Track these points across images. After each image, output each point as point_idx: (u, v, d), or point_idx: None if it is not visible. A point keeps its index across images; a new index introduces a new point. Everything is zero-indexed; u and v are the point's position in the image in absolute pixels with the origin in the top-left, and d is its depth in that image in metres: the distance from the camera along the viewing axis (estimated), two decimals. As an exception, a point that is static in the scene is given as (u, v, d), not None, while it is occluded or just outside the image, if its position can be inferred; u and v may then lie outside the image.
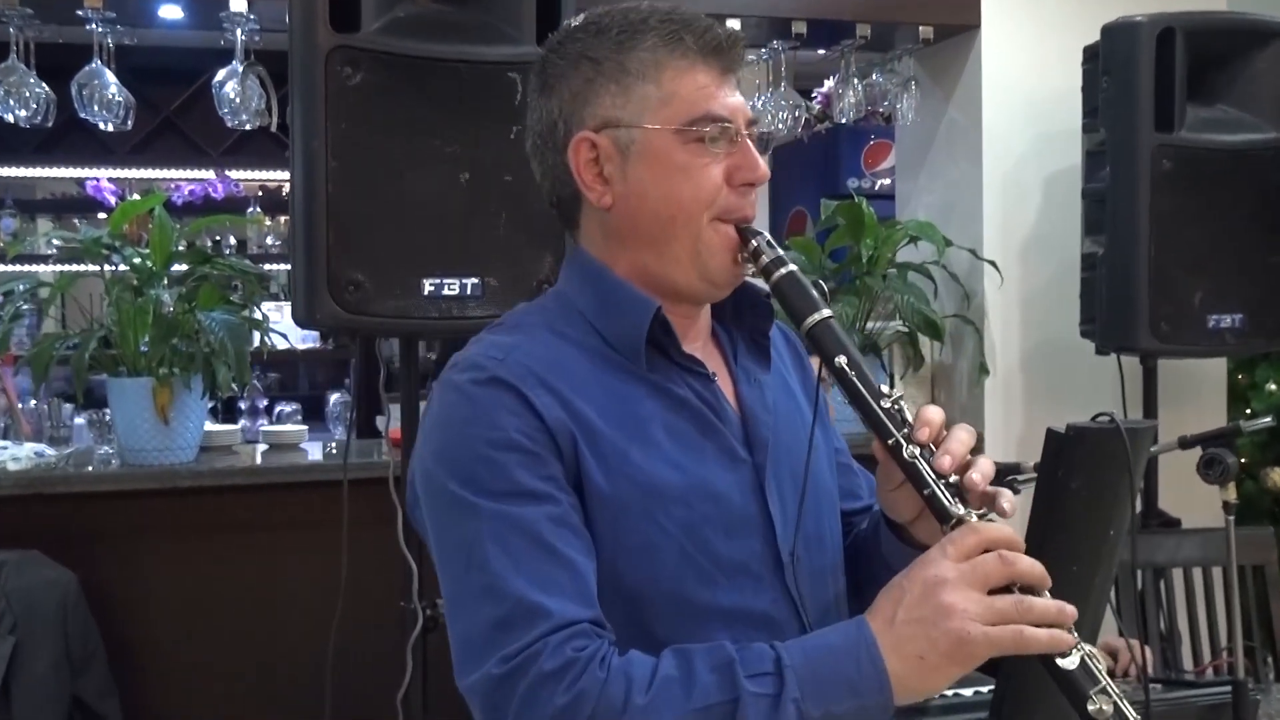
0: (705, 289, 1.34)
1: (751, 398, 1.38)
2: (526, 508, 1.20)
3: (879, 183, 6.01)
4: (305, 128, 2.25)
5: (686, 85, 1.29)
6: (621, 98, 1.30)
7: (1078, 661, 1.14)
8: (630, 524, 1.24)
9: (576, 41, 1.33)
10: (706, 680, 1.13)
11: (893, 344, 3.65)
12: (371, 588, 2.57)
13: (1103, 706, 1.12)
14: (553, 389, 1.25)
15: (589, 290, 1.36)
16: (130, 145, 5.93)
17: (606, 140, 1.30)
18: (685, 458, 1.28)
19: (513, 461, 1.21)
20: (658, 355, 1.32)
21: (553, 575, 1.18)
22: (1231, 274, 3.12)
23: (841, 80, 3.79)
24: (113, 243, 3.12)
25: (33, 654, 2.79)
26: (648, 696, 1.12)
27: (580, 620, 1.16)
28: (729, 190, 1.30)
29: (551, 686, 1.12)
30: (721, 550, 1.28)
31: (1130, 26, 3.05)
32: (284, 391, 6.29)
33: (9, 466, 3.02)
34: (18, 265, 5.53)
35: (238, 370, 3.00)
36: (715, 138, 1.29)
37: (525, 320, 1.36)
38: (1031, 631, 1.12)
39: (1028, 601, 1.13)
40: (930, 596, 1.14)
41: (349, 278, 2.25)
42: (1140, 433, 1.95)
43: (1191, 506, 3.23)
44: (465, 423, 1.24)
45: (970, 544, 1.16)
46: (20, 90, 3.20)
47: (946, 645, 1.12)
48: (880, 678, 1.14)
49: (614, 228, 1.34)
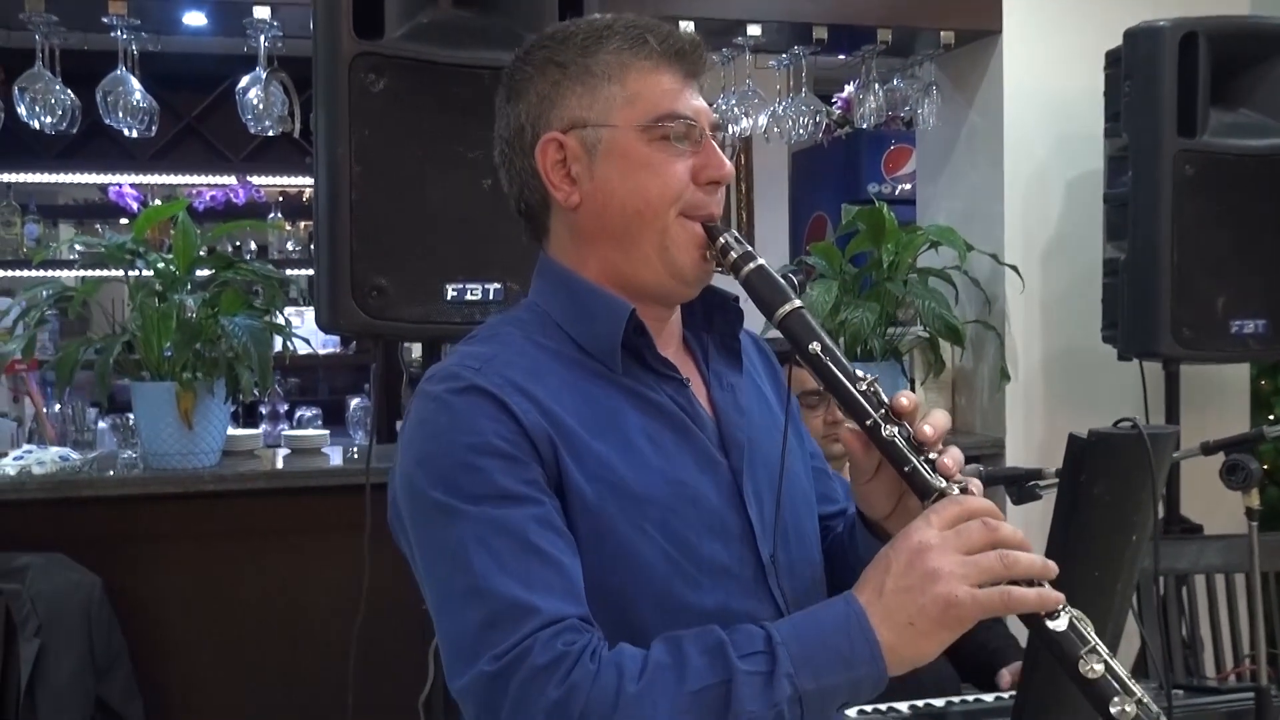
0: (674, 286, 1.35)
1: (724, 401, 1.39)
2: (509, 509, 1.20)
3: (900, 188, 6.00)
4: (329, 134, 2.26)
5: (650, 85, 1.32)
6: (588, 98, 1.32)
7: (1066, 624, 1.15)
8: (613, 528, 1.25)
9: (543, 49, 1.36)
10: (698, 663, 1.14)
11: (914, 349, 3.64)
12: (393, 591, 2.57)
13: (1093, 666, 1.13)
14: (530, 396, 1.25)
15: (560, 297, 1.37)
16: (153, 151, 5.96)
17: (574, 140, 1.32)
18: (664, 462, 1.29)
19: (493, 466, 1.21)
20: (632, 361, 1.33)
21: (538, 573, 1.18)
22: (1254, 279, 3.11)
23: (862, 85, 3.79)
24: (136, 248, 3.14)
25: (57, 657, 2.80)
26: (640, 684, 1.13)
27: (568, 616, 1.17)
28: (695, 187, 1.32)
29: (544, 681, 1.13)
30: (704, 552, 1.29)
31: (1152, 31, 3.04)
32: (304, 396, 6.31)
33: (34, 470, 3.04)
34: (41, 271, 5.57)
35: (260, 375, 3.02)
36: (680, 135, 1.31)
37: (500, 331, 1.36)
38: (1019, 591, 1.14)
39: (1012, 556, 1.15)
40: (916, 564, 1.15)
41: (372, 282, 2.26)
42: (1162, 438, 1.94)
43: (1214, 513, 3.22)
44: (444, 430, 1.25)
45: (953, 513, 1.18)
46: (46, 97, 3.22)
47: (935, 610, 1.13)
48: (872, 648, 1.15)
49: (582, 227, 1.35)
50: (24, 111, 3.24)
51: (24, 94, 3.22)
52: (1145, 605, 2.74)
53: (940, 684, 2.54)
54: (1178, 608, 2.92)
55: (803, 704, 1.14)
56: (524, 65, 1.37)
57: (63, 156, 5.91)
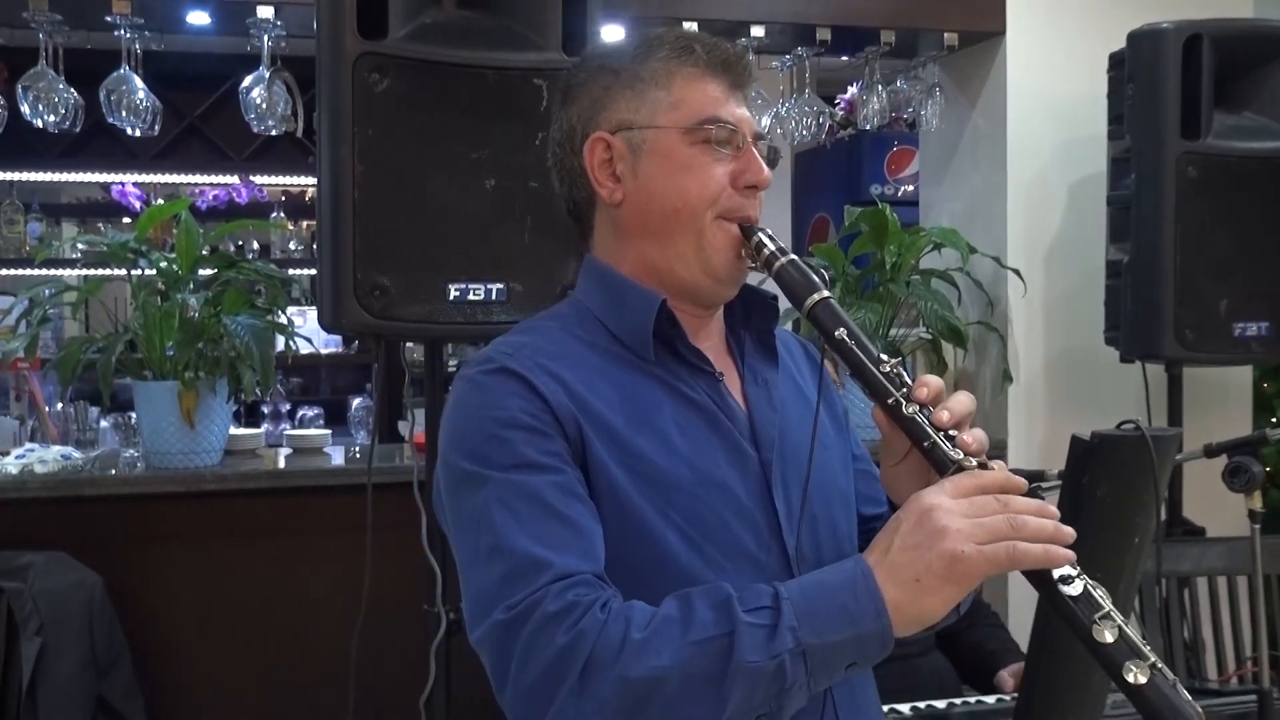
0: (710, 285, 1.41)
1: (758, 396, 1.44)
2: (531, 476, 1.26)
3: (902, 189, 6.00)
4: (332, 134, 2.26)
5: (695, 91, 1.39)
6: (635, 102, 1.40)
7: (1080, 589, 1.15)
8: (635, 508, 1.29)
9: (599, 57, 1.47)
10: (705, 616, 1.17)
11: (916, 351, 3.64)
12: (395, 591, 2.58)
13: (1105, 633, 1.13)
14: (559, 378, 1.32)
15: (600, 291, 1.44)
16: (156, 150, 5.97)
17: (620, 141, 1.40)
18: (692, 450, 1.34)
19: (518, 438, 1.28)
20: (665, 351, 1.39)
21: (556, 533, 1.23)
22: (1258, 282, 3.11)
23: (866, 86, 3.79)
24: (139, 247, 3.14)
25: (58, 655, 2.80)
26: (646, 633, 1.16)
27: (582, 572, 1.21)
28: (733, 191, 1.38)
29: (553, 628, 1.17)
30: (728, 538, 1.33)
31: (1156, 33, 3.04)
32: (306, 396, 6.31)
33: (36, 469, 3.05)
34: (44, 269, 5.57)
35: (262, 374, 3.01)
36: (721, 140, 1.37)
37: (540, 324, 1.45)
38: (1025, 546, 1.14)
39: (1020, 519, 1.16)
40: (924, 522, 1.16)
41: (375, 282, 2.26)
42: (1165, 441, 1.94)
43: (1216, 515, 3.22)
44: (475, 408, 1.32)
45: (968, 484, 1.19)
46: (49, 96, 3.22)
47: (941, 566, 1.14)
48: (877, 604, 1.16)
49: (624, 223, 1.42)
50: (27, 110, 3.24)
51: (27, 92, 3.22)
52: (1147, 607, 2.73)
53: (942, 685, 2.54)
54: (1180, 610, 2.92)
55: (806, 658, 1.15)
56: (579, 71, 1.46)
57: (66, 155, 5.91)
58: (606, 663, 1.15)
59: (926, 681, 2.52)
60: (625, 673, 1.14)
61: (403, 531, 2.50)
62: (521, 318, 2.34)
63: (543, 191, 2.36)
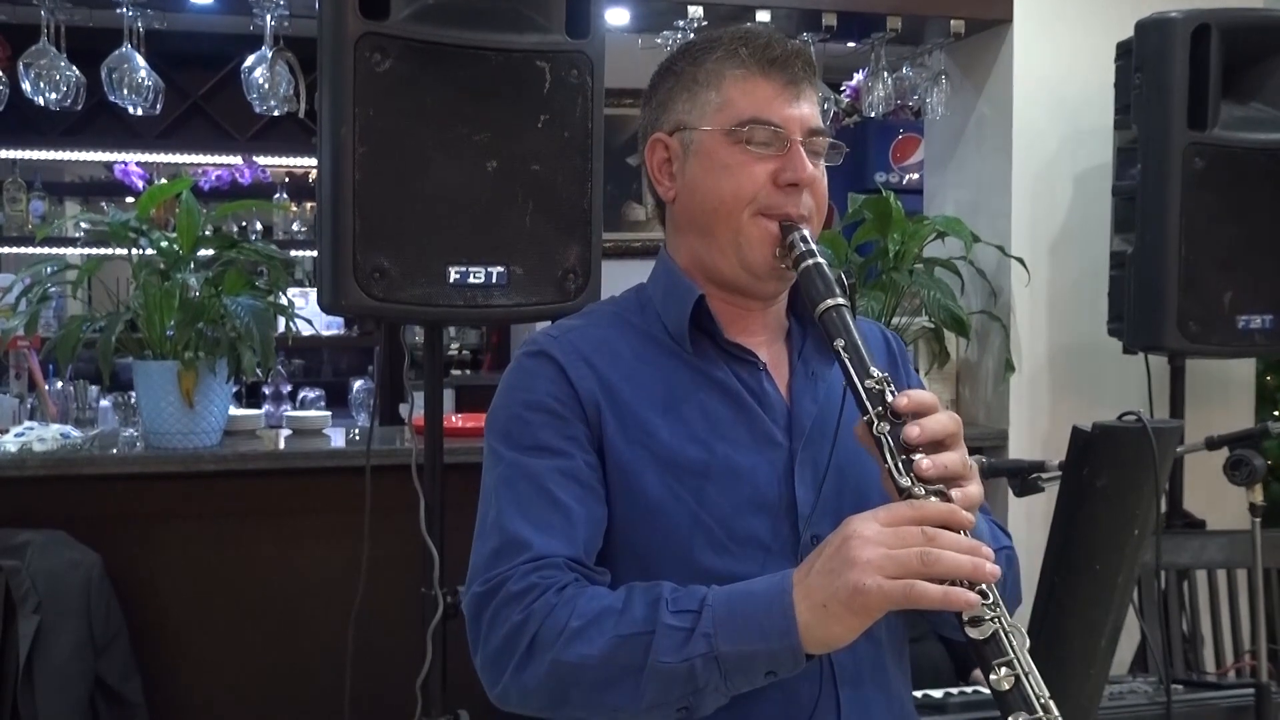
0: (747, 279, 1.45)
1: (802, 389, 1.47)
2: (539, 459, 1.37)
3: (907, 177, 5.99)
4: (333, 114, 2.25)
5: (742, 93, 1.43)
6: (690, 104, 1.47)
7: (989, 633, 1.16)
8: (644, 488, 1.37)
9: (670, 59, 1.53)
10: (637, 612, 1.25)
11: (918, 339, 3.64)
12: (392, 574, 2.58)
13: (1003, 680, 1.16)
14: (591, 364, 1.42)
15: (660, 281, 1.53)
16: (158, 130, 5.95)
17: (676, 141, 1.48)
18: (715, 436, 1.40)
19: (539, 421, 1.39)
20: (706, 341, 1.46)
21: (545, 516, 1.34)
22: (1262, 274, 3.10)
23: (871, 73, 3.77)
24: (140, 226, 3.13)
25: (56, 634, 2.81)
26: (583, 620, 1.25)
27: (555, 555, 1.32)
28: (773, 189, 1.42)
29: (513, 606, 1.29)
30: (735, 522, 1.38)
31: (1164, 22, 3.02)
32: (307, 378, 6.32)
33: (35, 448, 3.04)
34: (45, 248, 5.57)
35: (263, 355, 3.01)
36: (761, 140, 1.41)
37: (599, 309, 1.55)
38: (923, 586, 1.15)
39: (934, 554, 1.16)
40: (842, 549, 1.19)
41: (375, 264, 2.26)
42: (1167, 433, 1.94)
43: (1217, 508, 3.22)
44: (511, 388, 1.44)
45: (901, 514, 1.20)
46: (50, 73, 3.21)
47: (845, 595, 1.16)
48: (787, 624, 1.19)
49: (677, 220, 1.51)
50: (29, 88, 3.23)
51: (29, 70, 3.21)
52: (1146, 599, 2.73)
53: (937, 673, 2.54)
54: (1179, 602, 2.92)
55: (719, 663, 1.21)
56: (655, 75, 1.54)
57: (69, 134, 5.89)
58: (546, 644, 1.26)
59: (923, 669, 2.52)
60: (559, 656, 1.25)
61: (401, 514, 2.50)
62: (522, 301, 2.37)
63: (545, 175, 2.36)
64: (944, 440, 1.24)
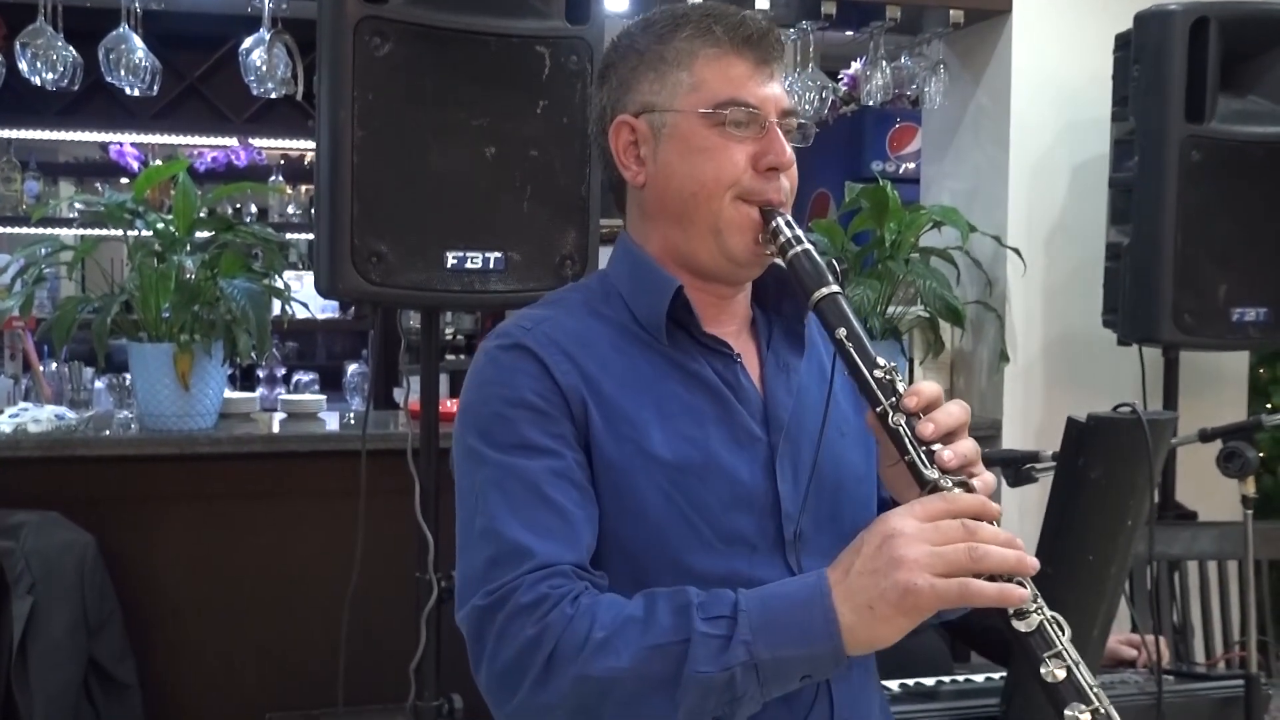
0: (728, 267, 1.40)
1: (776, 381, 1.42)
2: (529, 460, 1.29)
3: (904, 166, 5.98)
4: (332, 98, 2.25)
5: (716, 72, 1.37)
6: (658, 84, 1.39)
7: (1035, 625, 1.15)
8: (632, 486, 1.31)
9: (627, 36, 1.45)
10: (665, 621, 1.19)
11: (913, 329, 3.64)
12: (387, 558, 2.58)
13: (1055, 671, 1.14)
14: (572, 357, 1.34)
15: (625, 270, 1.45)
16: (155, 111, 5.92)
17: (643, 124, 1.40)
18: (697, 431, 1.34)
19: (523, 418, 1.31)
20: (681, 334, 1.39)
21: (544, 521, 1.26)
22: (1257, 267, 3.10)
23: (869, 62, 3.77)
24: (136, 208, 3.13)
25: (50, 615, 2.81)
26: (608, 632, 1.19)
27: (562, 562, 1.24)
28: (753, 173, 1.36)
29: (524, 619, 1.21)
30: (722, 520, 1.33)
31: (1163, 14, 3.02)
32: (302, 361, 6.30)
33: (30, 429, 3.04)
34: (41, 229, 5.54)
35: (258, 338, 3.01)
36: (740, 122, 1.36)
37: (565, 297, 1.46)
38: (978, 585, 1.13)
39: (981, 550, 1.14)
40: (885, 549, 1.16)
41: (372, 249, 2.25)
42: (1160, 424, 1.94)
43: (1209, 500, 3.22)
44: (487, 383, 1.35)
45: (936, 508, 1.18)
46: (47, 53, 3.21)
47: (894, 596, 1.14)
48: (830, 626, 1.16)
49: (647, 206, 1.43)
50: (25, 67, 3.22)
51: (25, 49, 3.21)
52: (1138, 590, 2.74)
53: (932, 661, 2.54)
54: (1170, 593, 2.93)
55: (758, 671, 1.17)
56: (611, 52, 1.46)
57: (64, 114, 5.87)
58: (568, 658, 1.18)
59: (915, 656, 2.52)
60: (584, 670, 1.18)
61: (396, 498, 2.50)
62: (518, 287, 2.37)
63: (543, 160, 2.36)
64: (955, 430, 1.23)
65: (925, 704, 2.10)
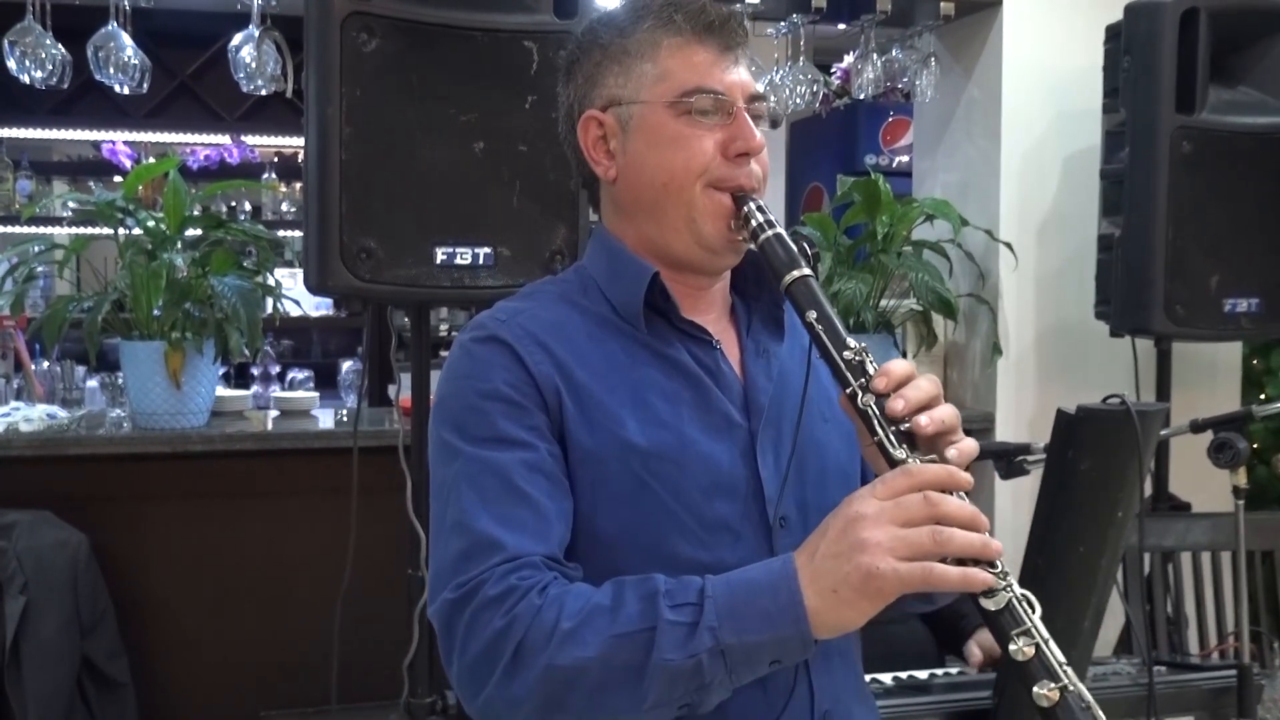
0: (703, 255, 1.39)
1: (756, 367, 1.42)
2: (503, 453, 1.29)
3: (896, 160, 5.98)
4: (320, 94, 2.24)
5: (680, 61, 1.37)
6: (623, 77, 1.39)
7: (1004, 603, 1.15)
8: (609, 477, 1.30)
9: (590, 31, 1.44)
10: (632, 609, 1.19)
11: (906, 322, 3.64)
12: (380, 555, 2.58)
13: (1024, 648, 1.14)
14: (546, 347, 1.34)
15: (602, 261, 1.44)
16: (146, 109, 5.92)
17: (611, 118, 1.40)
18: (677, 420, 1.34)
19: (497, 411, 1.30)
20: (660, 321, 1.39)
21: (515, 514, 1.26)
22: (1249, 258, 3.10)
23: (861, 56, 3.76)
24: (127, 206, 3.12)
25: (43, 614, 2.81)
26: (575, 622, 1.19)
27: (531, 554, 1.24)
28: (723, 160, 1.36)
29: (492, 611, 1.21)
30: (703, 508, 1.32)
31: (1153, 6, 3.02)
32: (296, 358, 6.30)
33: (21, 428, 3.04)
34: (33, 227, 5.54)
35: (250, 336, 3.00)
36: (707, 110, 1.36)
37: (541, 289, 1.46)
38: (941, 569, 1.13)
39: (945, 534, 1.14)
40: (848, 532, 1.16)
41: (361, 245, 2.25)
42: (1151, 415, 1.94)
43: (1202, 491, 3.23)
44: (461, 376, 1.35)
45: (899, 484, 1.17)
46: (36, 51, 3.20)
47: (857, 579, 1.14)
48: (796, 610, 1.16)
49: (620, 200, 1.43)
50: (13, 65, 3.22)
51: (14, 48, 3.20)
52: (1130, 581, 2.74)
53: (922, 654, 2.54)
54: (1163, 584, 2.93)
55: (725, 657, 1.17)
56: (575, 48, 1.45)
57: (56, 112, 5.86)
58: (536, 649, 1.18)
59: (906, 649, 2.53)
60: (552, 660, 1.18)
61: (388, 495, 2.50)
62: (509, 282, 2.36)
63: (532, 155, 2.35)
64: (928, 404, 1.22)
65: (917, 697, 2.10)
